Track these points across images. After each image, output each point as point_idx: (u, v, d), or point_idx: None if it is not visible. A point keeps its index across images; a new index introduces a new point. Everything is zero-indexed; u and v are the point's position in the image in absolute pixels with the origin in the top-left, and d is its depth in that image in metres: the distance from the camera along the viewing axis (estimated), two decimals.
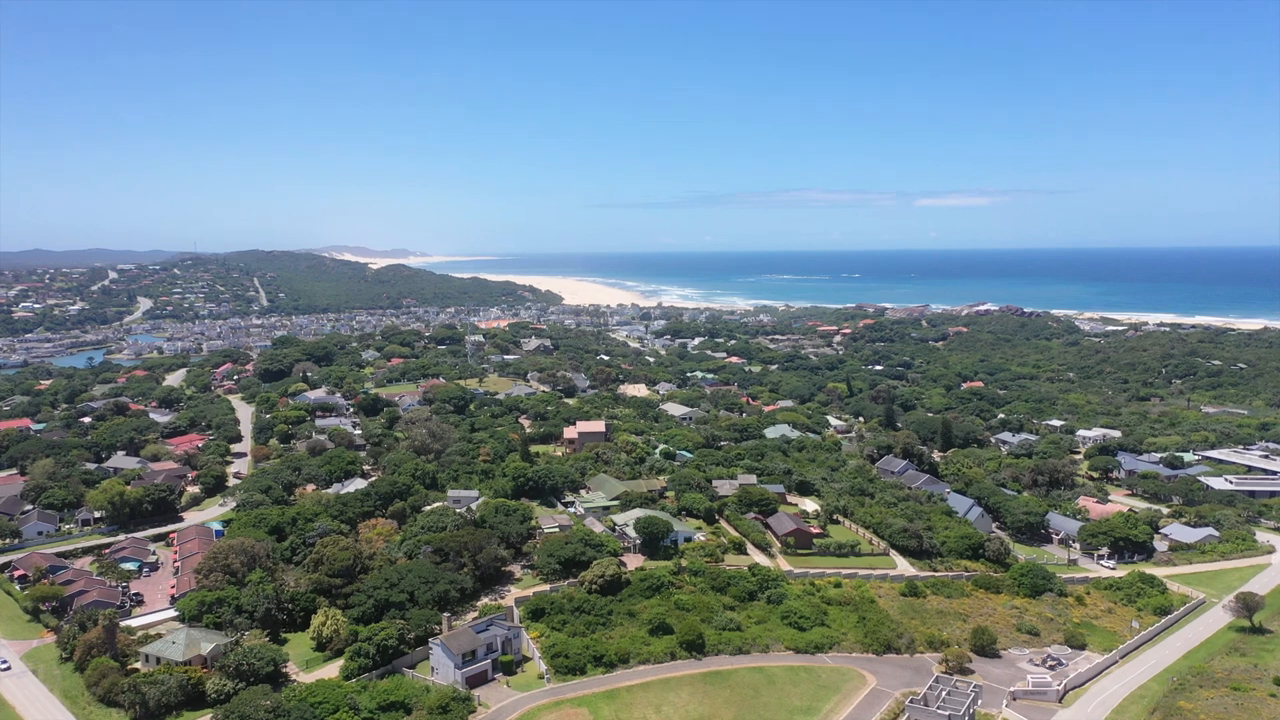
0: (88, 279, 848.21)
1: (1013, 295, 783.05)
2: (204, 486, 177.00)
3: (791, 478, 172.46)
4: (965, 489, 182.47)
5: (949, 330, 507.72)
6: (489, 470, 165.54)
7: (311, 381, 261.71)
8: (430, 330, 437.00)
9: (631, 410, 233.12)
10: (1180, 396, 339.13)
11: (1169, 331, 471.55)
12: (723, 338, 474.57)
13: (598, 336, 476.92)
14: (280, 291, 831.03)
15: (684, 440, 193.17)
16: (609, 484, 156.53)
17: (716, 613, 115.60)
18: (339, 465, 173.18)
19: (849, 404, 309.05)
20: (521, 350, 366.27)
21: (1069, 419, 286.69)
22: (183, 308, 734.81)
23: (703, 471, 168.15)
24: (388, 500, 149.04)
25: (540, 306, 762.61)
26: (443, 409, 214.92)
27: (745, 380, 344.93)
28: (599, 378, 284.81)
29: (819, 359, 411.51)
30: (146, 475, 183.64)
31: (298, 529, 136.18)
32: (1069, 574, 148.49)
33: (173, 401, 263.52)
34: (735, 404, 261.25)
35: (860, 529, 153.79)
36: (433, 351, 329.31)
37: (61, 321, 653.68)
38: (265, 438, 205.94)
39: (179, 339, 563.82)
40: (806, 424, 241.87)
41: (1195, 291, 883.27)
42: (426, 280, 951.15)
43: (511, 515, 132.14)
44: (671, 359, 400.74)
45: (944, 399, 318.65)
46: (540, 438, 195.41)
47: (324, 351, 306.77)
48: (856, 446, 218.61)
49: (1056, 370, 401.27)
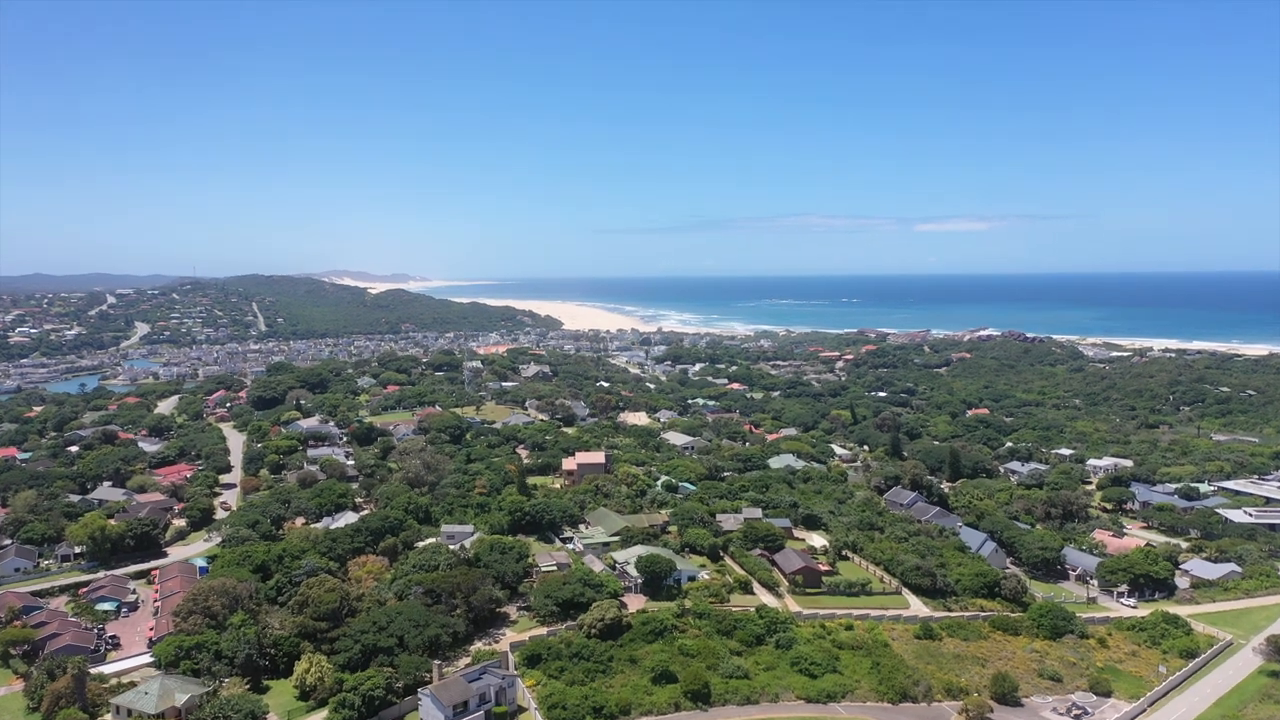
0: (86, 303, 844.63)
1: (1014, 320, 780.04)
2: (190, 520, 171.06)
3: (798, 511, 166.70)
4: (977, 522, 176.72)
5: (952, 356, 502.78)
6: (485, 503, 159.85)
7: (305, 409, 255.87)
8: (428, 356, 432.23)
9: (632, 440, 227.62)
10: (1189, 424, 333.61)
11: (1174, 357, 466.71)
12: (724, 363, 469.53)
13: (597, 362, 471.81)
14: (279, 316, 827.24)
15: (686, 471, 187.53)
16: (609, 519, 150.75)
17: (723, 659, 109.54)
18: (329, 498, 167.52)
19: (853, 432, 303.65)
20: (520, 377, 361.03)
21: (1078, 447, 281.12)
22: (180, 333, 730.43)
23: (706, 505, 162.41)
24: (379, 536, 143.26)
25: (540, 331, 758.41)
26: (438, 439, 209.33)
27: (747, 407, 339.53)
28: (598, 405, 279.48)
29: (821, 385, 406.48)
30: (132, 508, 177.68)
31: (284, 567, 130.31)
32: (1089, 613, 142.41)
33: (163, 430, 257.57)
34: (738, 432, 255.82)
35: (870, 566, 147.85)
36: (430, 378, 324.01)
37: (58, 346, 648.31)
38: (255, 468, 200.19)
39: (175, 364, 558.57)
40: (811, 453, 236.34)
41: (1197, 316, 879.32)
42: (426, 305, 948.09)
43: (507, 553, 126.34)
44: (672, 385, 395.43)
45: (949, 427, 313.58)
46: (538, 469, 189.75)
47: (318, 378, 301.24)
48: (863, 477, 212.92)
49: (1062, 397, 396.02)
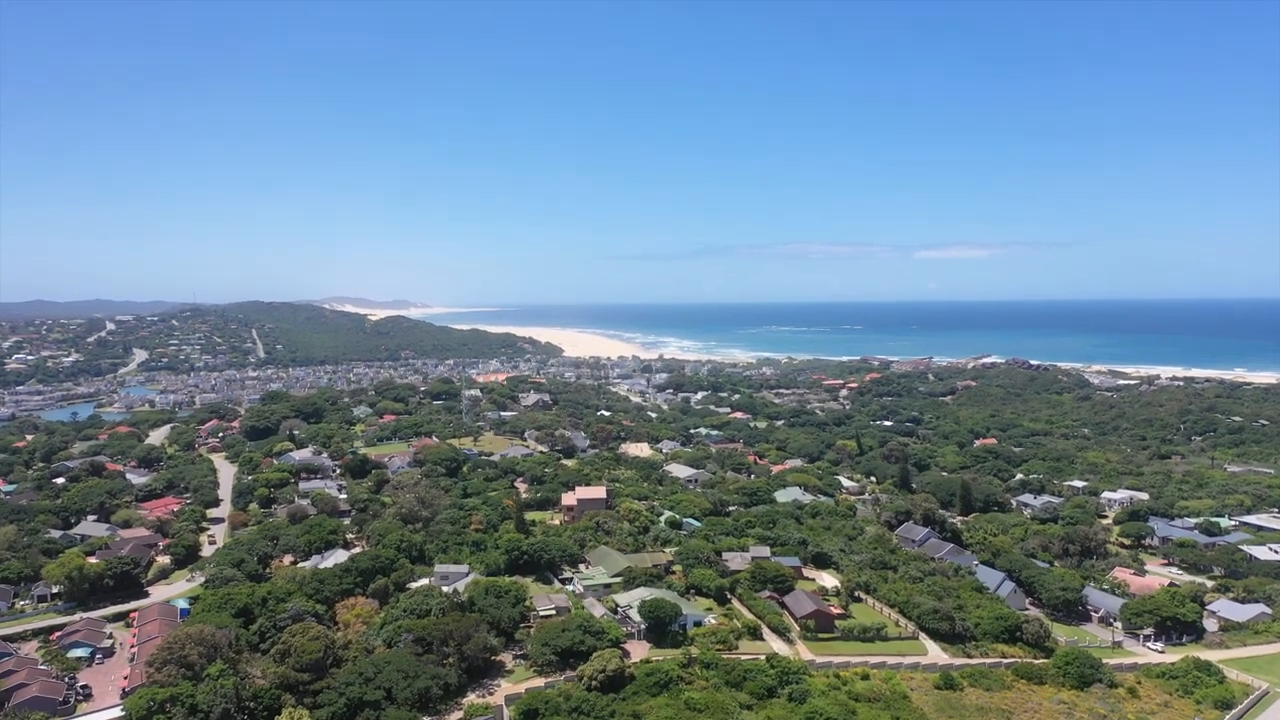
0: (85, 330, 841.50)
1: (1016, 347, 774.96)
2: (175, 557, 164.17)
3: (807, 549, 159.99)
4: (994, 560, 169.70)
5: (957, 384, 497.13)
6: (481, 541, 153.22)
7: (298, 440, 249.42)
8: (427, 384, 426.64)
9: (634, 472, 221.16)
10: (1202, 454, 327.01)
11: (1183, 386, 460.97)
12: (726, 392, 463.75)
13: (598, 391, 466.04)
14: (278, 343, 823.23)
15: (690, 506, 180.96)
16: (610, 557, 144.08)
17: (733, 714, 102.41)
18: (319, 535, 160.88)
19: (860, 463, 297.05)
20: (520, 405, 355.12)
21: (1091, 479, 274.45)
22: (178, 359, 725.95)
23: (712, 542, 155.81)
24: (369, 576, 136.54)
25: (540, 358, 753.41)
26: (434, 471, 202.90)
27: (751, 437, 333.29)
28: (599, 436, 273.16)
29: (826, 414, 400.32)
30: (114, 544, 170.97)
31: (268, 610, 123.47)
32: (1115, 659, 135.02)
33: (153, 461, 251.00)
34: (742, 464, 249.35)
35: (885, 608, 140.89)
36: (427, 407, 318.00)
37: (55, 374, 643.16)
38: (244, 502, 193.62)
39: (172, 391, 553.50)
40: (818, 486, 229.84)
41: (1201, 343, 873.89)
42: (425, 332, 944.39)
43: (503, 597, 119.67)
44: (674, 414, 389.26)
45: (958, 457, 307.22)
46: (537, 503, 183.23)
47: (313, 408, 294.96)
48: (873, 511, 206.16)
49: (1070, 426, 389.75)
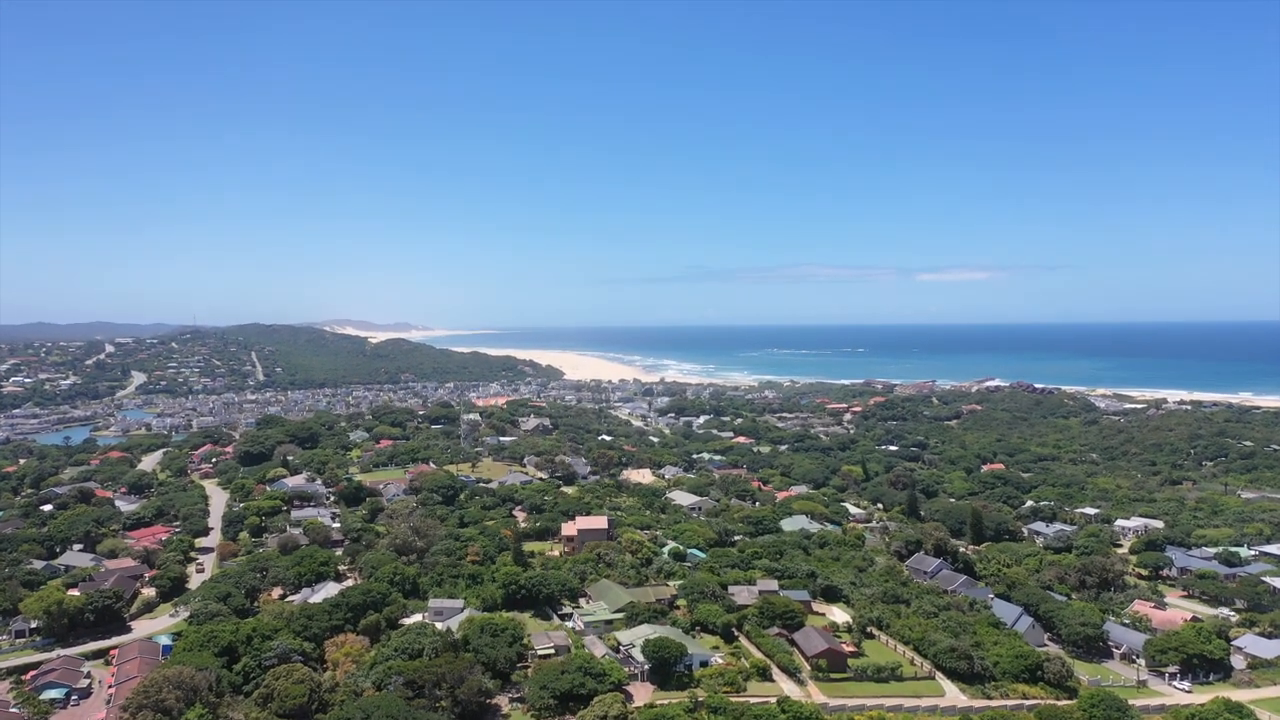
0: (83, 353, 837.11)
1: (1019, 370, 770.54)
2: (160, 589, 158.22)
3: (816, 582, 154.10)
4: (1009, 593, 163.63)
5: (962, 408, 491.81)
6: (477, 574, 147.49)
7: (292, 466, 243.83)
8: (426, 407, 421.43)
9: (636, 500, 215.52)
10: (1214, 480, 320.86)
11: (1191, 410, 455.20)
12: (729, 416, 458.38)
13: (599, 415, 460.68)
14: (277, 366, 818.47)
15: (694, 536, 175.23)
16: (612, 592, 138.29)
17: None
18: (310, 566, 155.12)
19: (866, 489, 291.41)
20: (519, 430, 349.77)
21: (1102, 506, 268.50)
22: (177, 382, 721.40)
23: (717, 575, 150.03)
24: (360, 612, 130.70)
25: (541, 382, 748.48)
26: (430, 499, 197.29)
27: (755, 462, 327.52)
28: (600, 462, 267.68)
29: (830, 438, 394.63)
30: (99, 575, 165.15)
31: (253, 649, 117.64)
32: (1141, 699, 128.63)
33: (143, 487, 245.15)
34: (747, 491, 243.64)
35: (899, 645, 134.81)
36: (425, 432, 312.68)
37: (52, 397, 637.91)
38: (234, 531, 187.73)
39: (169, 415, 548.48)
40: (825, 514, 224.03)
41: (1204, 367, 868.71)
42: (426, 355, 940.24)
43: (499, 635, 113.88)
44: (676, 439, 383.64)
45: (966, 483, 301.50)
46: (536, 533, 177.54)
47: (309, 432, 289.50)
48: (882, 541, 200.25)
49: (1078, 451, 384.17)
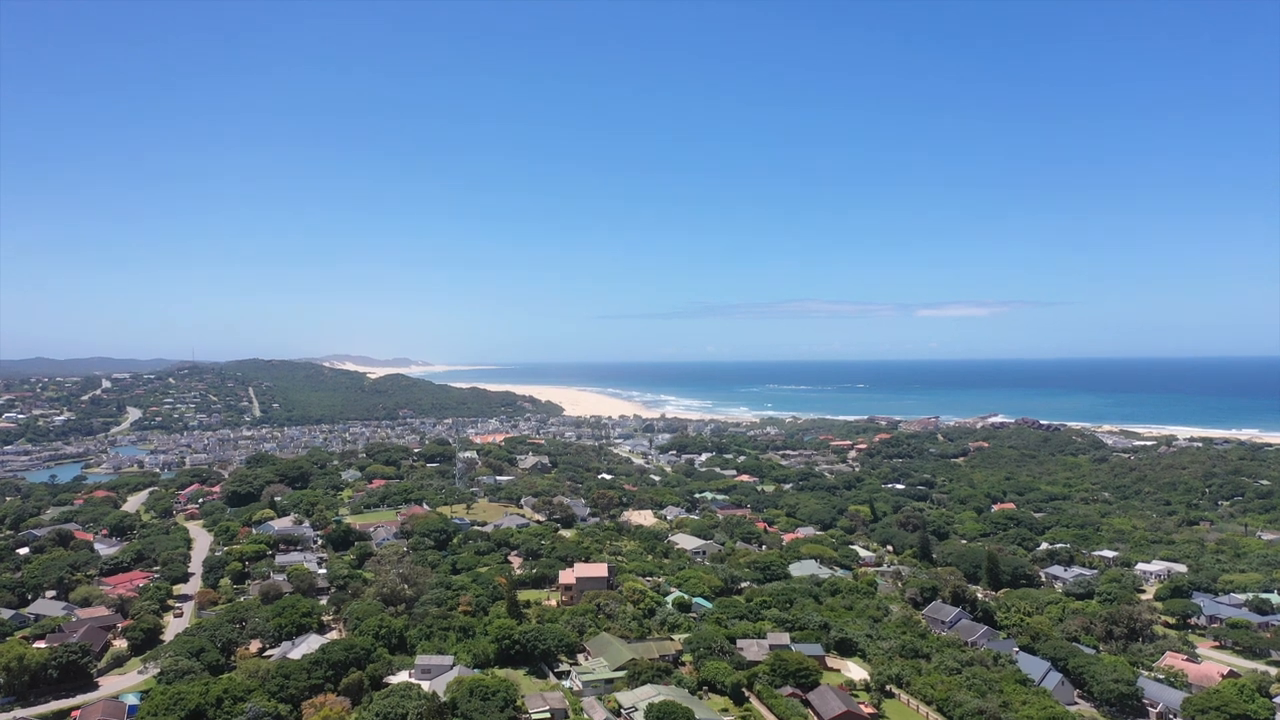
0: (80, 388, 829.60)
1: (1022, 407, 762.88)
2: (132, 642, 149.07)
3: (830, 634, 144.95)
4: (1034, 644, 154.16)
5: (969, 445, 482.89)
6: (469, 626, 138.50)
7: (280, 507, 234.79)
8: (423, 444, 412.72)
9: (637, 544, 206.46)
10: (1232, 520, 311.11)
11: (1203, 447, 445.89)
12: (731, 453, 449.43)
13: (599, 452, 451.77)
14: (275, 402, 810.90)
15: (699, 584, 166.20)
16: (613, 647, 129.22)
17: None
18: (291, 617, 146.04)
19: (874, 530, 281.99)
20: (517, 469, 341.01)
21: (1121, 548, 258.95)
22: (172, 418, 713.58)
23: (724, 627, 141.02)
24: (342, 669, 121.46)
25: (540, 418, 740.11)
26: (421, 544, 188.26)
27: (759, 502, 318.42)
28: (600, 502, 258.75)
29: (835, 477, 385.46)
30: (68, 626, 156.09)
31: (223, 712, 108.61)
32: None
33: (125, 529, 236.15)
34: (752, 533, 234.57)
35: (921, 705, 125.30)
36: (420, 471, 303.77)
37: (45, 433, 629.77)
38: (215, 578, 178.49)
39: (162, 451, 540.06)
40: (834, 558, 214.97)
41: (1209, 403, 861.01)
42: (425, 390, 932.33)
43: (490, 699, 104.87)
44: (678, 478, 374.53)
45: (977, 524, 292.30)
46: (532, 580, 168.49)
47: (299, 472, 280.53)
48: (895, 588, 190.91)
49: (1090, 490, 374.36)
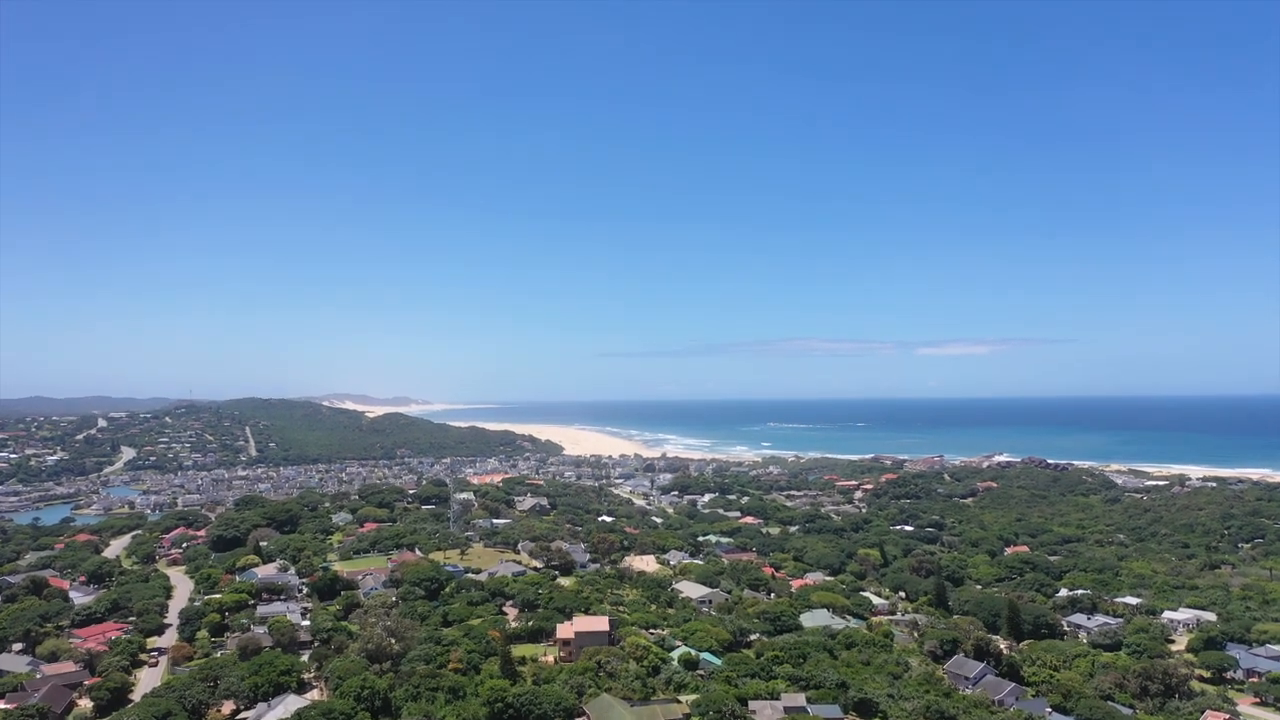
0: (75, 427, 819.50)
1: (1027, 445, 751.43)
2: (97, 702, 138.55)
3: (848, 693, 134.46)
4: (1065, 704, 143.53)
5: (977, 485, 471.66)
6: (459, 686, 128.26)
7: (266, 553, 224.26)
8: (419, 485, 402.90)
9: (639, 592, 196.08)
10: (1255, 564, 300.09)
11: (1218, 487, 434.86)
12: (735, 494, 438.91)
13: (599, 493, 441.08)
14: (272, 441, 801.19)
15: (706, 637, 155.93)
16: (614, 710, 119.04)
17: None
18: (269, 675, 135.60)
19: (885, 575, 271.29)
20: (515, 511, 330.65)
21: (1143, 594, 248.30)
22: (167, 458, 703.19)
23: (735, 686, 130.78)
24: None
25: (540, 457, 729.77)
26: (411, 593, 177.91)
27: (765, 545, 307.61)
28: (600, 546, 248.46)
29: (842, 518, 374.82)
30: (31, 684, 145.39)
31: None
32: None
33: (104, 576, 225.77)
34: (760, 580, 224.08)
35: None
36: (414, 514, 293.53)
37: (37, 473, 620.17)
38: (192, 630, 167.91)
39: (155, 492, 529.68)
40: (847, 605, 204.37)
41: (1217, 441, 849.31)
42: (423, 429, 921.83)
43: None
44: (681, 520, 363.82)
45: (991, 568, 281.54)
46: (528, 634, 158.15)
47: (288, 514, 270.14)
48: (913, 639, 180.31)
49: (1104, 532, 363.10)
